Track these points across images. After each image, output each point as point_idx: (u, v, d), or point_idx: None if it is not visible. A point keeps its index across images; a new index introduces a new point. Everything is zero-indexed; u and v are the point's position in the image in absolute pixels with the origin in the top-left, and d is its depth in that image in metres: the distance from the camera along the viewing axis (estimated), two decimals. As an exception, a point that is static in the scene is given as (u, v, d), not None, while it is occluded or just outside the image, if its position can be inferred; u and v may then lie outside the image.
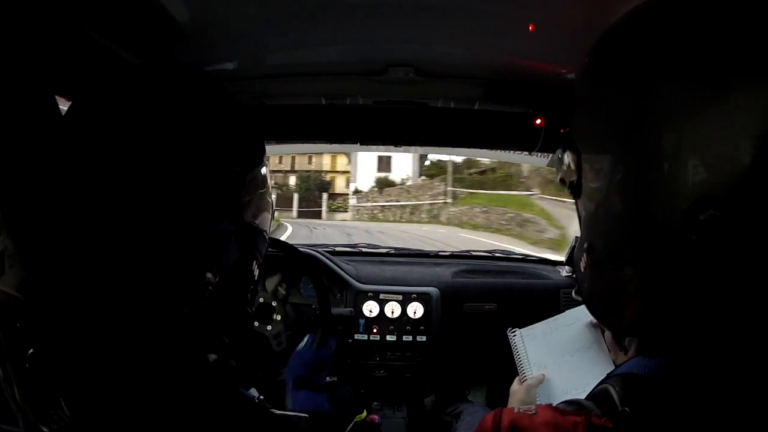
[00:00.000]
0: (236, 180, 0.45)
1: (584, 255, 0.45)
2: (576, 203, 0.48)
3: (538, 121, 0.94)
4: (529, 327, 0.95)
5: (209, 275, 0.44)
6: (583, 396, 0.78)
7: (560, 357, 0.89)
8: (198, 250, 0.43)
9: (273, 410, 0.47)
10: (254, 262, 0.51)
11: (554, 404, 0.42)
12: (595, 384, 0.70)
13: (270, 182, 0.54)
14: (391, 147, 1.21)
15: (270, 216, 0.54)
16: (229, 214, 0.45)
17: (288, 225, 12.90)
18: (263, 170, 0.51)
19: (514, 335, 0.94)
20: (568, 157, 0.47)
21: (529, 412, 0.41)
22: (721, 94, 0.33)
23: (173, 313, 0.43)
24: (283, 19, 0.70)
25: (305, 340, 0.95)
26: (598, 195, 0.42)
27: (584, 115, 0.46)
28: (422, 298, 1.31)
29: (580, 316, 0.95)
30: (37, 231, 0.38)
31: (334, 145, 1.21)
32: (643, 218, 0.37)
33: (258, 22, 0.70)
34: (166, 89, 0.44)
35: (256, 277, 0.52)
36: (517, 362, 0.91)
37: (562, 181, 0.49)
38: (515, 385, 0.87)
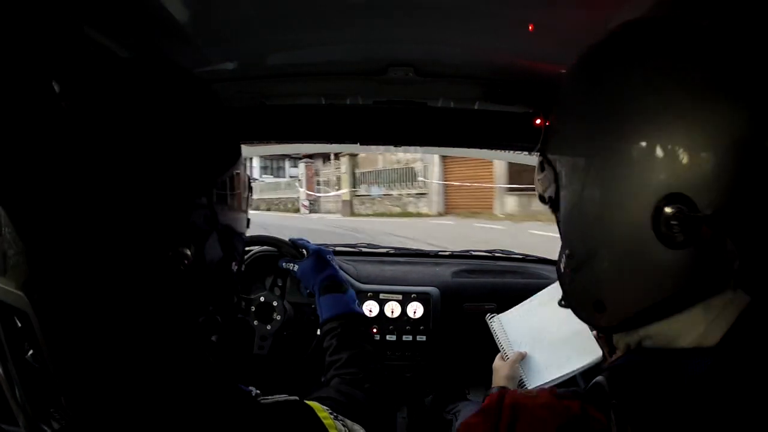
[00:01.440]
0: (208, 181, 0.46)
1: (564, 262, 0.49)
2: (556, 218, 0.51)
3: (538, 121, 0.94)
4: (506, 312, 1.00)
5: (185, 250, 0.44)
6: (568, 368, 0.85)
7: (539, 334, 0.95)
8: (170, 235, 0.44)
9: (264, 399, 0.48)
10: (233, 263, 0.52)
11: (553, 388, 0.47)
12: (577, 355, 0.81)
13: (247, 183, 0.55)
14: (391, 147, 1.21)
15: (245, 217, 0.55)
16: (201, 213, 0.45)
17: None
18: (238, 172, 0.51)
19: (493, 321, 0.99)
20: (546, 173, 0.50)
21: (530, 394, 0.45)
22: (694, 107, 0.38)
23: (151, 289, 0.43)
24: (283, 19, 0.70)
25: (290, 264, 0.96)
26: (572, 201, 0.46)
27: (560, 124, 0.49)
28: (422, 297, 1.31)
29: (554, 294, 0.98)
30: (37, 228, 0.39)
31: (334, 145, 1.21)
32: (614, 215, 0.41)
33: (258, 22, 0.70)
34: (144, 86, 0.44)
35: (232, 274, 0.53)
36: (498, 345, 0.96)
37: (542, 198, 0.52)
38: (498, 362, 0.93)
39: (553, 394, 0.44)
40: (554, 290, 0.99)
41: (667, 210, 0.38)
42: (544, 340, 0.93)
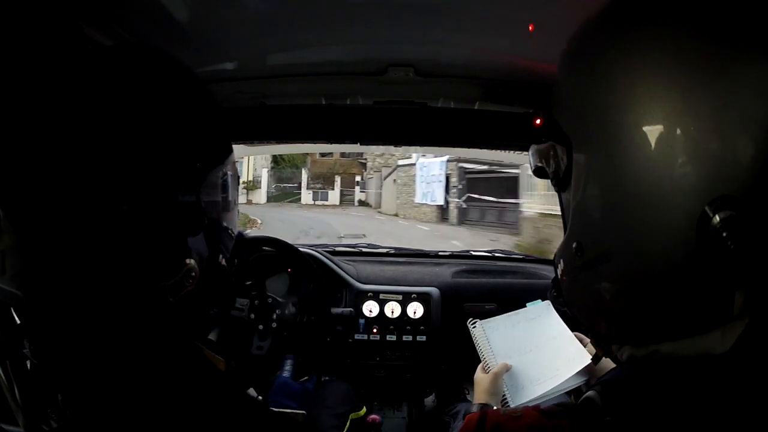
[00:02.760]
0: (197, 176, 0.46)
1: (571, 255, 0.41)
2: (560, 196, 0.45)
3: (538, 121, 0.94)
4: (489, 319, 0.93)
5: (190, 261, 0.44)
6: (555, 381, 0.77)
7: (526, 348, 0.88)
8: (167, 240, 0.43)
9: (272, 408, 0.47)
10: (220, 256, 0.51)
11: (538, 405, 0.43)
12: (566, 369, 0.70)
13: (236, 180, 0.54)
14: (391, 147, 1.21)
15: (236, 213, 0.55)
16: (190, 208, 0.45)
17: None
18: (228, 168, 0.51)
19: (474, 327, 0.92)
20: (554, 147, 0.44)
21: (515, 415, 0.41)
22: (723, 74, 0.31)
23: (161, 304, 0.43)
24: (283, 19, 0.70)
25: (287, 365, 0.97)
26: (591, 185, 0.39)
27: (581, 101, 0.41)
28: (422, 298, 1.31)
29: (542, 311, 0.95)
30: (34, 227, 0.38)
31: (334, 145, 1.21)
32: (646, 214, 0.34)
33: (258, 22, 0.70)
34: (131, 77, 0.43)
35: (226, 271, 0.53)
36: (479, 353, 0.88)
37: (539, 170, 0.46)
38: (479, 374, 0.83)
39: (540, 413, 0.40)
40: (542, 307, 0.96)
41: (717, 218, 0.30)
42: (531, 353, 0.86)
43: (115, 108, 0.41)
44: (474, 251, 1.65)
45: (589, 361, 0.77)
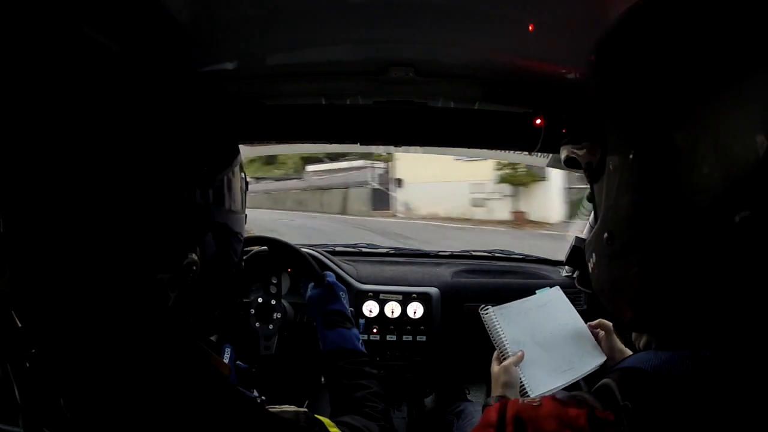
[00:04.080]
0: (205, 179, 0.45)
1: (601, 243, 0.43)
2: (592, 187, 0.46)
3: (538, 121, 0.94)
4: (500, 306, 0.93)
5: (192, 255, 0.44)
6: (571, 375, 0.79)
7: (539, 335, 0.88)
8: (171, 238, 0.43)
9: (270, 408, 0.47)
10: (233, 263, 0.51)
11: (557, 396, 0.43)
12: (581, 360, 0.73)
13: (243, 183, 0.54)
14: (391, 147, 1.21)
15: (244, 217, 0.54)
16: (198, 212, 0.45)
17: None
18: (235, 171, 0.50)
19: (486, 313, 0.91)
20: (588, 141, 0.44)
21: (534, 404, 0.42)
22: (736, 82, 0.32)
23: (160, 299, 0.43)
24: (283, 19, 0.70)
25: (309, 286, 0.97)
26: (627, 183, 0.40)
27: (618, 99, 0.42)
28: (422, 298, 1.31)
29: (552, 296, 0.96)
30: (26, 227, 0.38)
31: (334, 145, 1.21)
32: (674, 212, 0.36)
33: (258, 22, 0.70)
34: (140, 81, 0.43)
35: (234, 276, 0.53)
36: (493, 340, 0.87)
37: (569, 161, 0.47)
38: (494, 366, 0.83)
39: (557, 402, 0.41)
40: (552, 293, 0.97)
41: (738, 218, 0.31)
42: (545, 340, 0.87)
43: (120, 111, 0.41)
44: (474, 251, 1.65)
45: (604, 359, 0.79)
